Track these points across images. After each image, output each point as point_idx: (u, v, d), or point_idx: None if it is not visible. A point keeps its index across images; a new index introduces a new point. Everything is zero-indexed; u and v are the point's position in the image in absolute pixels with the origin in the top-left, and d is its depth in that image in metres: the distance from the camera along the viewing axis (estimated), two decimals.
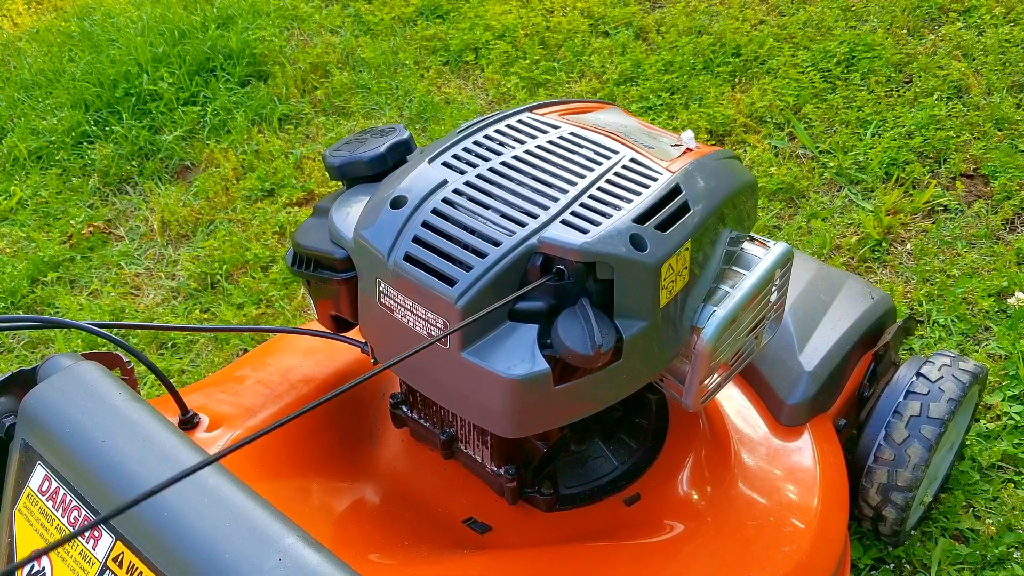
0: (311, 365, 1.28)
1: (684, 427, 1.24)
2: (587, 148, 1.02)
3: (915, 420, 1.40)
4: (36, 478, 0.81)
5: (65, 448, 0.79)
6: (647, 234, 0.91)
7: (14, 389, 0.88)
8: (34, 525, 0.81)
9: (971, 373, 1.47)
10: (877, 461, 1.40)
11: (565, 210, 0.92)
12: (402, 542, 1.10)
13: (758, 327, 1.11)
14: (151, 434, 0.78)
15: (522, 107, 1.10)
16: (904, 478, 1.39)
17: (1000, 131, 2.36)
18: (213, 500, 0.71)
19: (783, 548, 1.13)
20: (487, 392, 0.89)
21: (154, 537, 0.71)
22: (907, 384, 1.44)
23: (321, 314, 1.10)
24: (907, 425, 1.40)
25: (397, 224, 0.93)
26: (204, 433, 1.14)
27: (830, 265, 1.67)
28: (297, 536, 0.68)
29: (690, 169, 1.01)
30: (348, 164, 1.09)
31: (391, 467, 1.22)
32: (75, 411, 0.80)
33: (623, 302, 0.91)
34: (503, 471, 1.09)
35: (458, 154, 1.00)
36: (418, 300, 0.91)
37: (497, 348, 0.89)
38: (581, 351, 0.86)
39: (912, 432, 1.39)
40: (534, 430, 0.95)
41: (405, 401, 1.17)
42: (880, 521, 1.45)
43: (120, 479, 0.74)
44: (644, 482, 1.18)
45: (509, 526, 1.15)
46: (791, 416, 1.31)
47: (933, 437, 1.39)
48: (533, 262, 0.90)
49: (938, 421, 1.40)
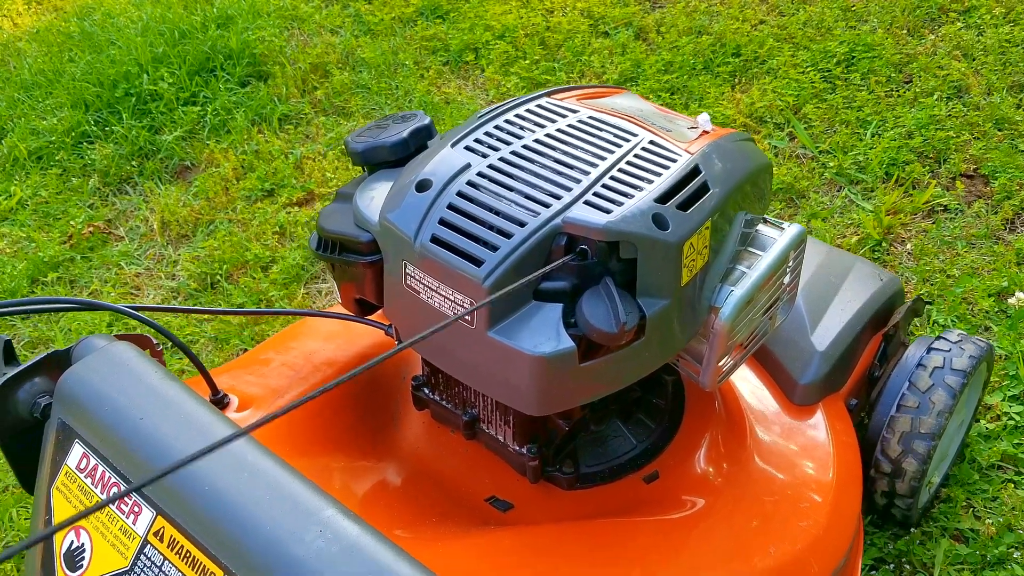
0: (333, 348, 1.30)
1: (700, 407, 1.26)
2: (607, 131, 1.03)
3: (939, 371, 1.44)
4: (74, 456, 0.82)
5: (103, 426, 0.80)
6: (669, 213, 0.93)
7: (48, 370, 0.88)
8: (72, 502, 0.81)
9: (984, 345, 1.52)
10: (901, 409, 1.43)
11: (588, 191, 0.94)
12: (427, 519, 1.11)
13: (772, 308, 1.12)
14: (188, 411, 0.79)
15: (540, 92, 1.12)
16: (928, 424, 1.41)
17: (1000, 131, 2.37)
18: (252, 475, 0.72)
19: (800, 523, 1.14)
20: (513, 370, 0.91)
21: (195, 511, 0.72)
22: (925, 347, 1.49)
23: (345, 297, 1.11)
24: (931, 375, 1.43)
25: (423, 207, 0.94)
26: (234, 413, 1.16)
27: (839, 249, 1.68)
28: (336, 508, 0.69)
29: (708, 151, 1.02)
30: (371, 149, 1.10)
31: (413, 448, 1.23)
32: (112, 390, 0.81)
33: (646, 281, 0.92)
34: (525, 450, 1.10)
35: (480, 138, 1.01)
36: (445, 281, 0.92)
37: (523, 327, 0.90)
38: (606, 329, 0.87)
39: (936, 381, 1.43)
40: (559, 407, 0.96)
41: (427, 383, 1.18)
42: (898, 477, 1.45)
43: (159, 454, 0.75)
44: (662, 460, 1.19)
45: (531, 504, 1.16)
46: (804, 396, 1.33)
47: (957, 386, 1.42)
48: (557, 242, 0.91)
49: (961, 372, 1.43)
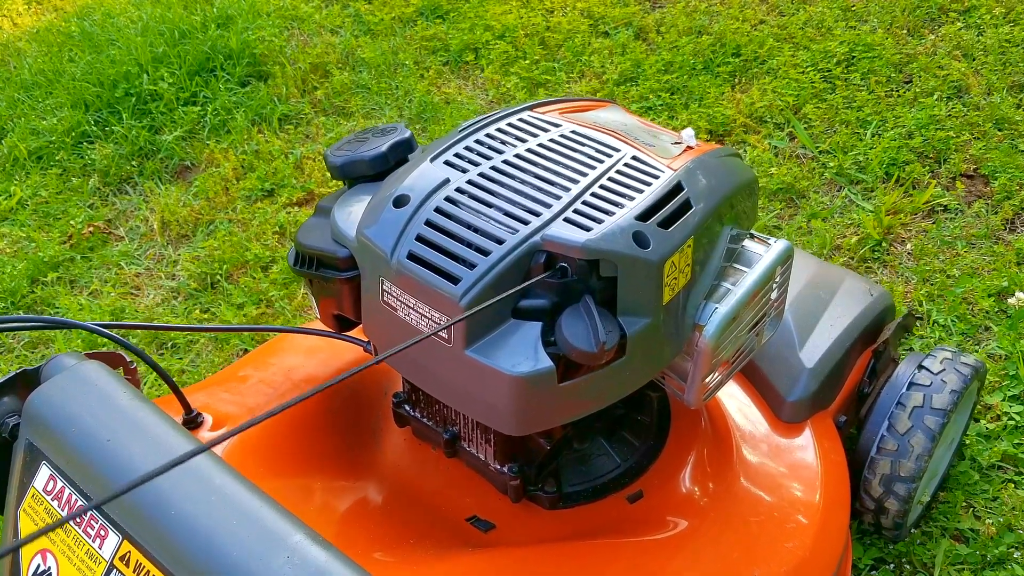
0: (314, 364, 1.28)
1: (686, 424, 1.25)
2: (588, 146, 1.02)
3: (918, 411, 1.41)
4: (41, 478, 0.81)
5: (70, 448, 0.79)
6: (650, 231, 0.92)
7: (17, 389, 0.87)
8: (39, 524, 0.81)
9: (972, 367, 1.49)
10: (880, 452, 1.41)
11: (568, 208, 0.92)
12: (406, 541, 1.10)
13: (759, 324, 1.11)
14: (156, 433, 0.78)
15: (522, 105, 1.10)
16: (907, 468, 1.39)
17: (1000, 131, 2.36)
18: (220, 498, 0.71)
19: (786, 544, 1.14)
20: (491, 390, 0.90)
21: (161, 536, 0.71)
22: (909, 376, 1.45)
23: (323, 313, 1.10)
24: (910, 416, 1.41)
25: (400, 223, 0.93)
26: (208, 432, 1.14)
27: (829, 263, 1.67)
28: (304, 534, 0.68)
29: (691, 167, 1.01)
30: (350, 163, 1.09)
31: (394, 466, 1.22)
32: (80, 410, 0.80)
33: (626, 299, 0.91)
34: (507, 469, 1.09)
35: (460, 153, 1.00)
36: (421, 298, 0.91)
37: (501, 346, 0.89)
38: (585, 348, 0.86)
39: (915, 423, 1.40)
40: (538, 427, 0.95)
41: (408, 400, 1.17)
42: (882, 513, 1.45)
43: (125, 477, 0.74)
44: (647, 479, 1.18)
45: (513, 524, 1.15)
46: (792, 413, 1.32)
47: (936, 427, 1.40)
48: (536, 260, 0.90)
49: (941, 412, 1.40)
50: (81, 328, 0.92)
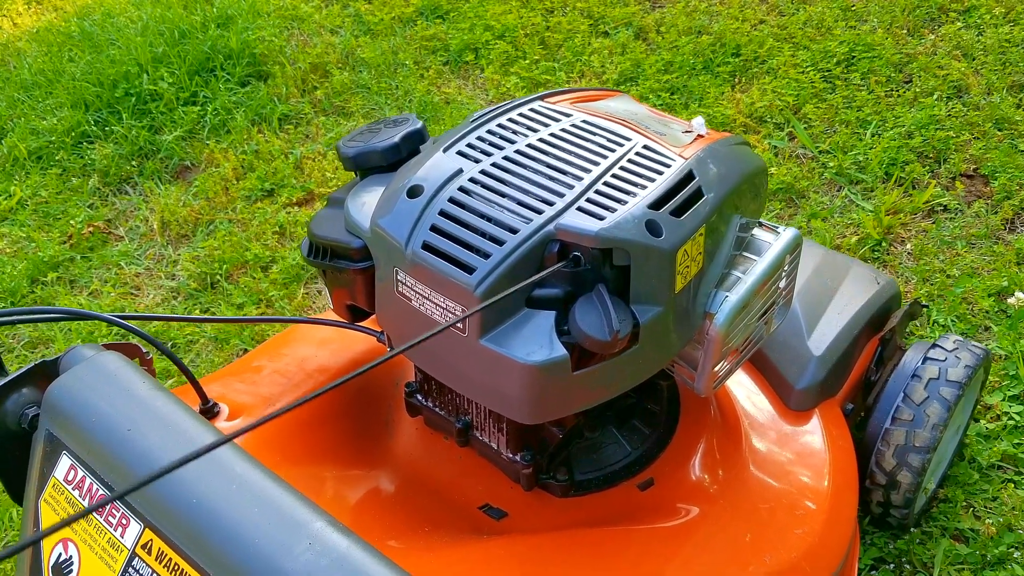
0: (326, 355, 1.28)
1: (695, 413, 1.25)
2: (600, 135, 1.02)
3: (934, 382, 1.43)
4: (61, 468, 0.81)
5: (90, 437, 0.79)
6: (662, 220, 0.92)
7: (36, 380, 0.88)
8: (60, 514, 0.81)
9: (982, 350, 1.51)
10: (895, 422, 1.42)
11: (581, 197, 0.93)
12: (420, 528, 1.10)
13: (768, 312, 1.12)
14: (176, 422, 0.78)
15: (533, 96, 1.10)
16: (922, 438, 1.40)
17: (1000, 131, 2.37)
18: (241, 487, 0.71)
19: (796, 530, 1.14)
20: (505, 378, 0.90)
21: (182, 523, 0.71)
22: (924, 353, 1.47)
23: (337, 304, 1.10)
24: (926, 387, 1.42)
25: (414, 213, 0.93)
26: (224, 422, 1.14)
27: (835, 251, 1.68)
28: (325, 521, 0.68)
29: (702, 155, 1.01)
30: (362, 154, 1.09)
31: (406, 455, 1.23)
32: (99, 400, 0.81)
33: (639, 288, 0.92)
34: (519, 458, 1.09)
35: (472, 143, 1.00)
36: (436, 288, 0.91)
37: (515, 335, 0.89)
38: (598, 337, 0.86)
39: (931, 393, 1.42)
40: (552, 416, 0.95)
41: (420, 390, 1.17)
42: (893, 489, 1.45)
43: (146, 466, 0.75)
44: (657, 467, 1.19)
45: (525, 512, 1.15)
46: (800, 401, 1.32)
47: (952, 399, 1.41)
48: (550, 249, 0.90)
49: (957, 384, 1.42)
50: (100, 319, 0.92)
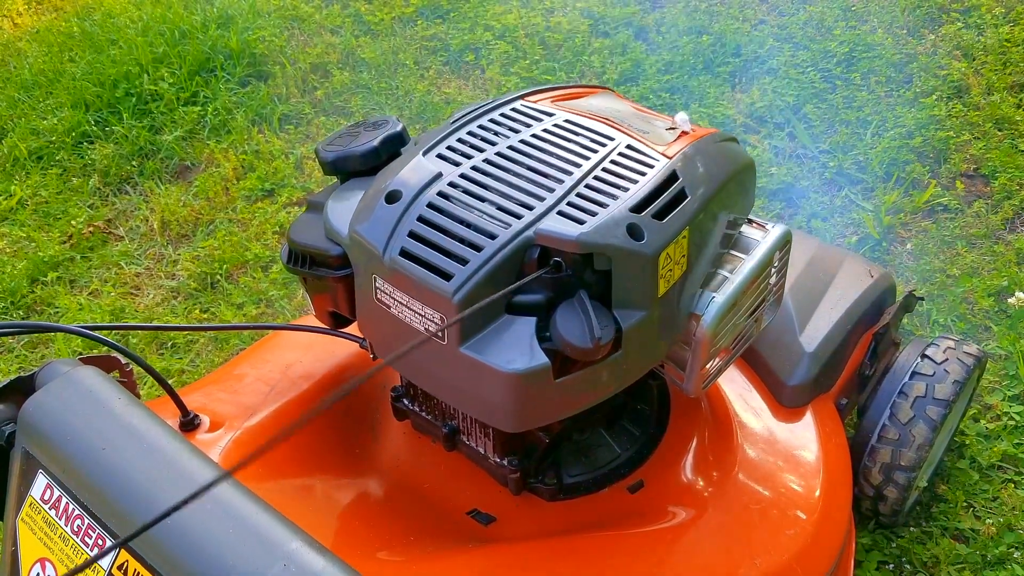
0: (311, 361, 1.26)
1: (686, 412, 1.23)
2: (582, 136, 1.00)
3: (920, 401, 1.41)
4: (38, 487, 0.80)
5: (66, 457, 0.78)
6: (644, 223, 0.90)
7: (13, 396, 0.87)
8: (37, 534, 0.80)
9: (974, 357, 1.48)
10: (881, 440, 1.41)
11: (561, 201, 0.91)
12: (407, 537, 1.09)
13: (758, 310, 1.10)
14: (152, 441, 0.77)
15: (515, 94, 1.08)
16: (908, 458, 1.39)
17: (1000, 131, 2.36)
18: (216, 505, 0.70)
19: (788, 531, 1.13)
20: (487, 387, 0.88)
21: (157, 544, 0.70)
22: (912, 365, 1.45)
23: (319, 310, 1.09)
24: (912, 405, 1.40)
25: (392, 219, 0.92)
26: (205, 434, 1.12)
27: (828, 244, 1.66)
28: (301, 540, 0.67)
29: (687, 154, 0.99)
30: (341, 159, 1.07)
31: (394, 460, 1.21)
32: (74, 418, 0.79)
33: (621, 293, 0.90)
34: (506, 462, 1.08)
35: (452, 145, 0.99)
36: (415, 295, 0.90)
37: (495, 342, 0.88)
38: (580, 344, 0.85)
39: (917, 412, 1.40)
40: (535, 423, 0.94)
41: (406, 394, 1.16)
42: (881, 500, 1.45)
43: (122, 488, 0.74)
44: (647, 469, 1.17)
45: (513, 517, 1.14)
46: (793, 397, 1.31)
47: (938, 418, 1.39)
48: (530, 255, 0.89)
49: (943, 402, 1.40)
50: (66, 331, 0.90)
